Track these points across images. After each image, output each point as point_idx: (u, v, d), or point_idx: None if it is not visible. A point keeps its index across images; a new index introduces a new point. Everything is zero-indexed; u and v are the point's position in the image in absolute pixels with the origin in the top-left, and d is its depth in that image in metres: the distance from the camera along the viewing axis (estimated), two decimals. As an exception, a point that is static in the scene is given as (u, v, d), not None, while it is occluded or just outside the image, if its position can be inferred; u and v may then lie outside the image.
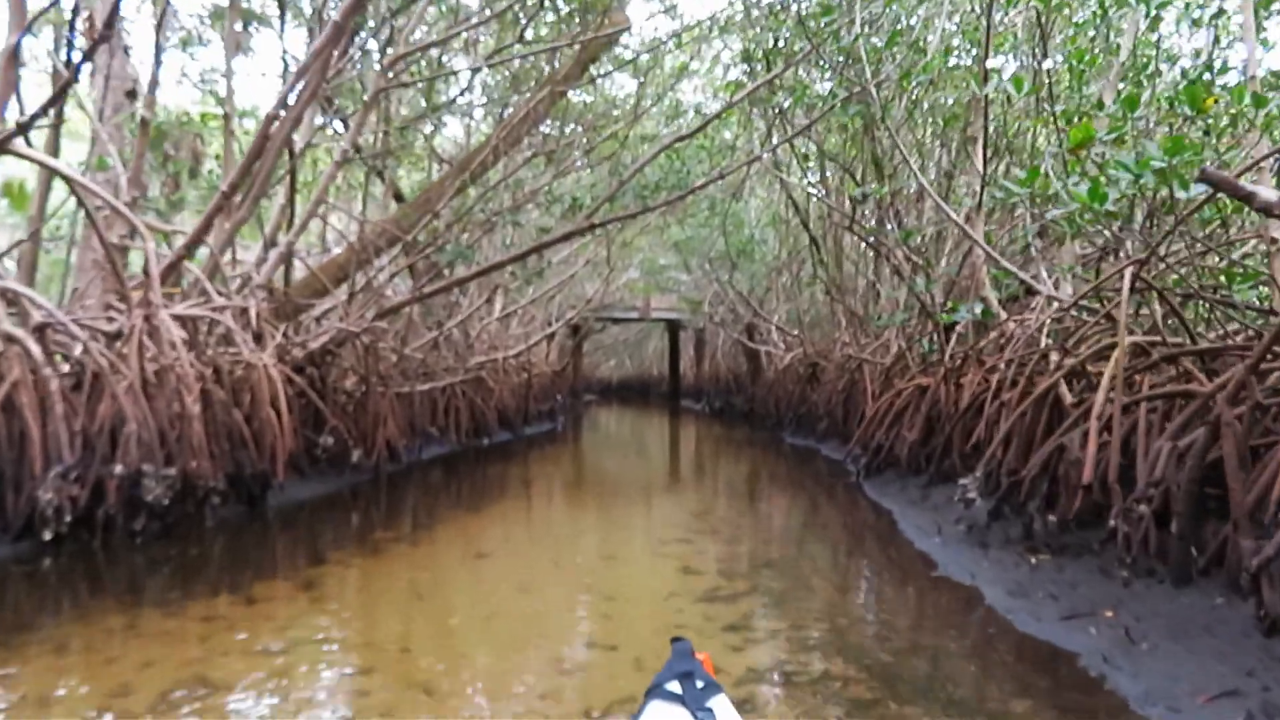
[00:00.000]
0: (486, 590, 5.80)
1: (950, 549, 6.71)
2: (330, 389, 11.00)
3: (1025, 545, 6.17)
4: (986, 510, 6.91)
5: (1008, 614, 5.09)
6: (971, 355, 9.58)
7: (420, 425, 13.82)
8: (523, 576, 6.10)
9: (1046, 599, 5.17)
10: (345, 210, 14.25)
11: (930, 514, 8.05)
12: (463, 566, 6.43)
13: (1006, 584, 5.57)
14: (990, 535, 6.66)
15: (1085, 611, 4.82)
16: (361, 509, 9.22)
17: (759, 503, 9.85)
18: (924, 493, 8.95)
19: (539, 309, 22.57)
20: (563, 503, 9.91)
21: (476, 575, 6.20)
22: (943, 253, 12.14)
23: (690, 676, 2.60)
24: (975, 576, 5.88)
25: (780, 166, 15.57)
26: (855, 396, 14.83)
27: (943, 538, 7.07)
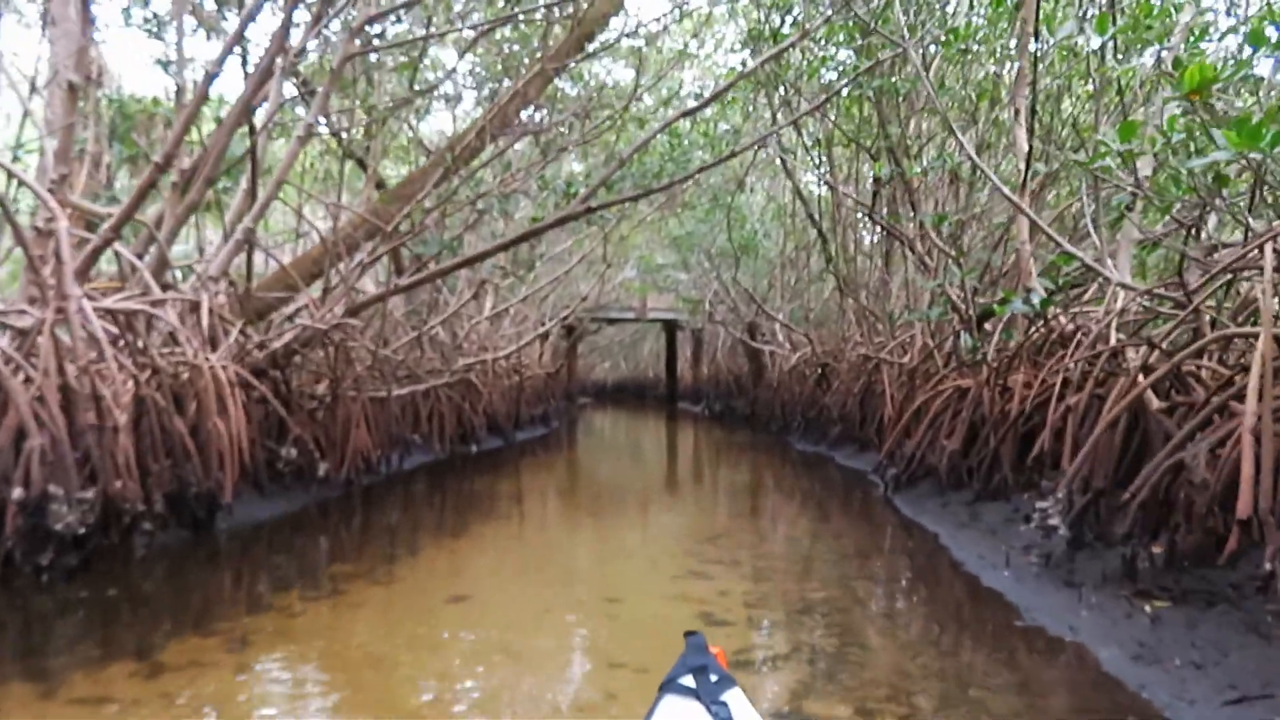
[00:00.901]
0: (460, 653, 4.51)
1: (1028, 587, 5.45)
2: (296, 394, 9.71)
3: (1131, 588, 4.90)
4: (1064, 538, 5.65)
5: (1142, 690, 3.82)
6: (1021, 353, 8.32)
7: (401, 432, 12.53)
8: (507, 631, 4.82)
9: (1188, 668, 3.91)
10: (321, 199, 12.96)
11: (987, 539, 6.79)
12: (435, 616, 5.14)
13: (1123, 642, 4.30)
14: (1077, 571, 5.40)
15: (1256, 693, 3.56)
16: (325, 532, 7.94)
17: (778, 522, 8.58)
18: (972, 511, 7.69)
19: (531, 308, 21.30)
20: (556, 522, 8.63)
21: (451, 629, 4.91)
22: (974, 240, 10.89)
23: (704, 670, 2.51)
24: (1076, 630, 4.62)
25: (786, 153, 14.31)
26: (872, 400, 13.58)
27: (1013, 571, 5.81)
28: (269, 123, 9.52)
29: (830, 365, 16.00)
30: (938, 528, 7.60)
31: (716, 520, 8.44)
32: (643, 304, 28.65)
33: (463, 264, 9.61)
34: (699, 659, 2.58)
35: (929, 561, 6.57)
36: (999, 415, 8.15)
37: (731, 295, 21.55)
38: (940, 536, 7.28)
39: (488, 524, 8.22)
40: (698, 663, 2.56)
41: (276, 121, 11.25)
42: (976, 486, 8.01)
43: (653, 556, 6.78)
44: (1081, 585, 5.16)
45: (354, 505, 9.31)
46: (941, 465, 8.64)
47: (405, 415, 12.76)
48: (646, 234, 24.43)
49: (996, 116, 11.39)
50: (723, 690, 2.45)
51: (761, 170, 20.47)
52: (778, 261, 20.14)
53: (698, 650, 2.63)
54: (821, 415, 15.45)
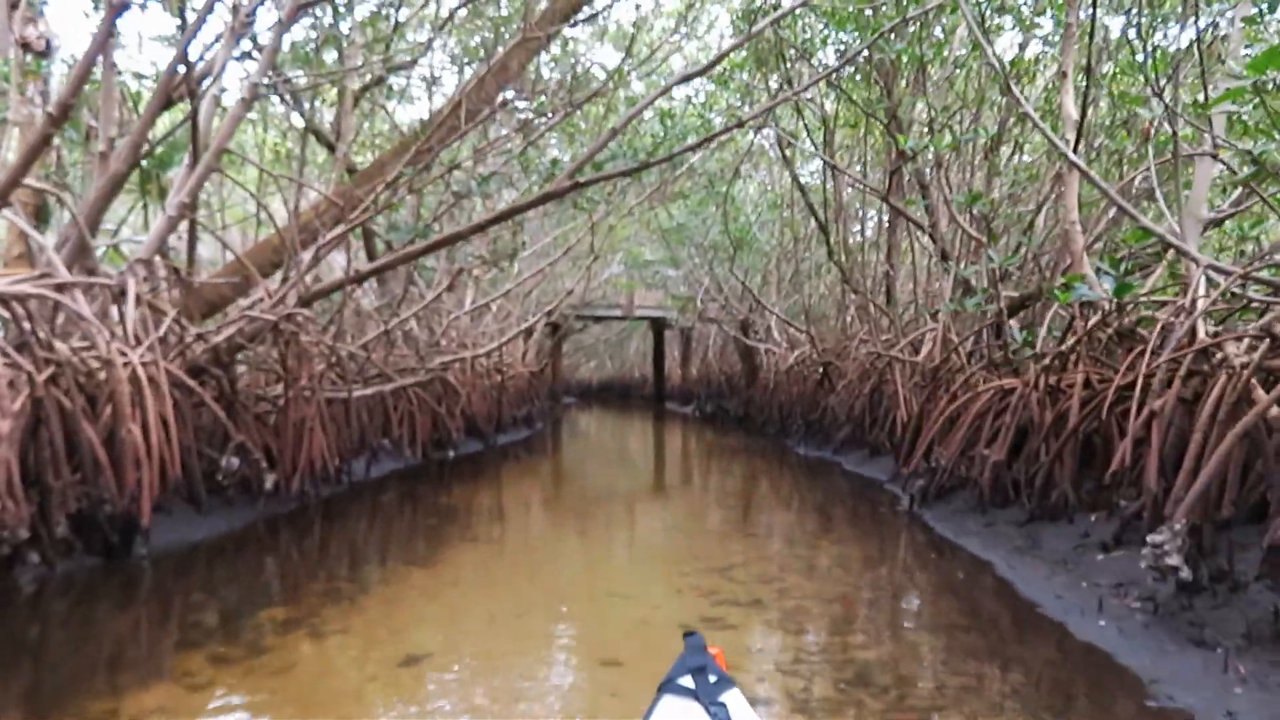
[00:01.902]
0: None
1: (1141, 645, 4.21)
2: (243, 396, 8.39)
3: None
4: (1179, 580, 4.42)
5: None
6: (1079, 349, 7.09)
7: (369, 437, 11.23)
8: (472, 717, 3.55)
9: None
10: (285, 178, 11.65)
11: (1058, 572, 5.55)
12: (377, 688, 3.86)
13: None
14: (1205, 624, 4.16)
15: None
16: (266, 558, 6.63)
17: (796, 545, 7.31)
18: (1027, 535, 6.46)
19: (514, 304, 20.00)
20: (540, 546, 7.35)
21: (398, 710, 3.63)
22: (1007, 223, 9.66)
23: (703, 671, 2.46)
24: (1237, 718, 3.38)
25: (787, 135, 13.07)
26: (883, 401, 12.36)
27: (1113, 620, 4.57)
28: (212, 86, 8.21)
29: (833, 364, 14.77)
30: (988, 554, 6.36)
31: (725, 544, 7.17)
32: (630, 301, 27.38)
33: (433, 247, 8.31)
34: (698, 659, 2.52)
35: (996, 602, 5.32)
36: (1053, 421, 6.92)
37: (724, 291, 20.30)
38: (995, 566, 6.04)
39: (460, 547, 6.93)
40: (697, 663, 2.49)
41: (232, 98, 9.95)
42: (1029, 504, 6.78)
43: (656, 597, 5.50)
44: (1219, 646, 3.92)
45: (308, 522, 8.01)
46: (982, 478, 7.41)
47: (373, 418, 11.44)
48: (634, 228, 23.19)
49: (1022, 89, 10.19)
50: (721, 691, 2.40)
51: (757, 159, 19.26)
52: (773, 255, 18.90)
53: (697, 651, 2.56)
54: (824, 417, 14.22)
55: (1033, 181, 9.24)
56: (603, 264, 24.84)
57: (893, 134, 9.89)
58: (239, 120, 7.78)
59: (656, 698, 2.46)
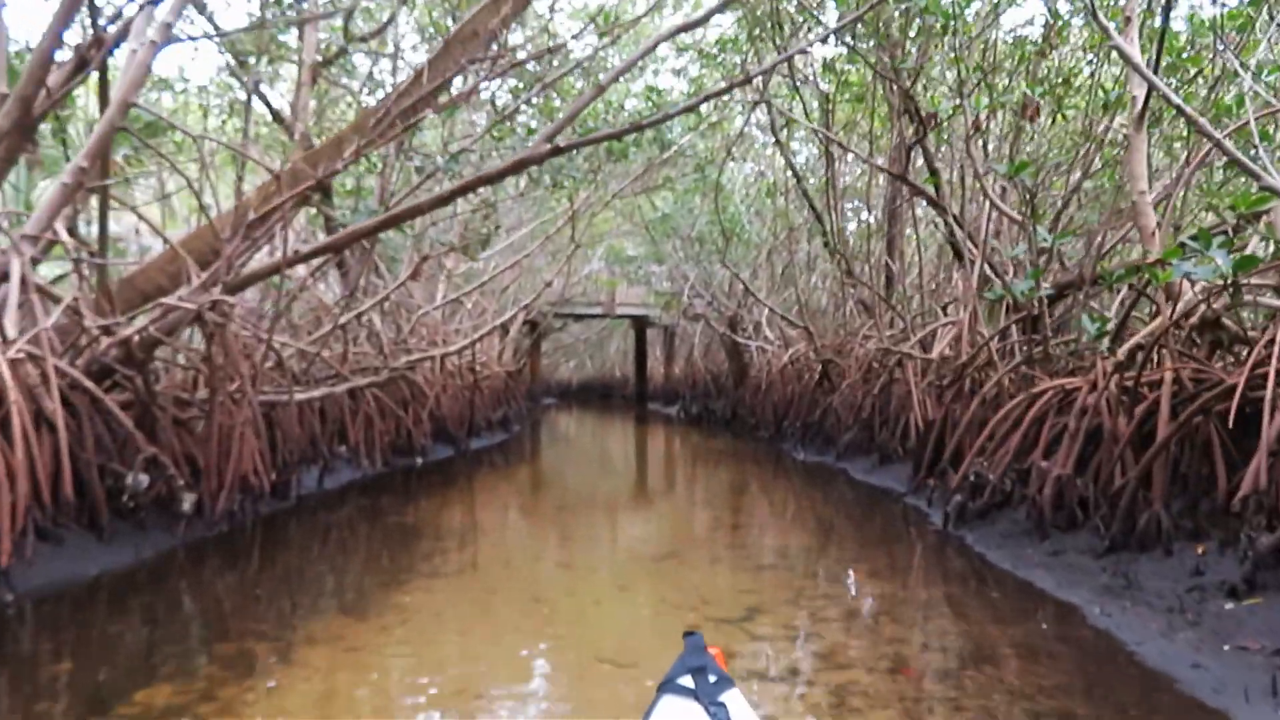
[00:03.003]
0: None
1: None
2: (160, 399, 6.96)
3: None
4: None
5: None
6: (1166, 341, 5.77)
7: (322, 444, 9.80)
8: None
9: None
10: (232, 147, 10.23)
11: (1179, 625, 4.23)
12: None
13: None
14: None
15: None
16: (167, 603, 5.20)
17: (821, 581, 5.95)
18: (1114, 569, 5.14)
19: (490, 301, 18.58)
20: (512, 583, 5.93)
21: None
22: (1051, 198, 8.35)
23: (703, 671, 2.40)
24: None
25: (783, 110, 11.72)
26: (891, 402, 11.07)
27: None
28: (118, 34, 6.76)
29: (833, 362, 13.46)
30: (1068, 594, 5.04)
31: (736, 580, 5.79)
32: (611, 299, 25.99)
33: (385, 224, 6.90)
34: (698, 659, 2.45)
35: (1111, 671, 3.97)
36: (1135, 428, 5.61)
37: (712, 287, 18.96)
38: (1084, 612, 4.72)
39: (415, 585, 5.54)
40: (696, 663, 2.43)
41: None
42: (1107, 529, 5.46)
43: (663, 665, 4.13)
44: None
45: (236, 550, 6.60)
46: (1040, 495, 6.08)
47: (327, 423, 10.02)
48: (617, 221, 21.82)
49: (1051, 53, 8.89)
50: (721, 691, 2.34)
51: (747, 148, 17.95)
52: (764, 247, 17.57)
53: (696, 650, 2.50)
54: (825, 420, 12.90)
55: (1082, 149, 7.94)
56: (583, 259, 23.47)
57: (912, 102, 8.55)
58: (146, 68, 6.34)
59: (656, 698, 2.39)
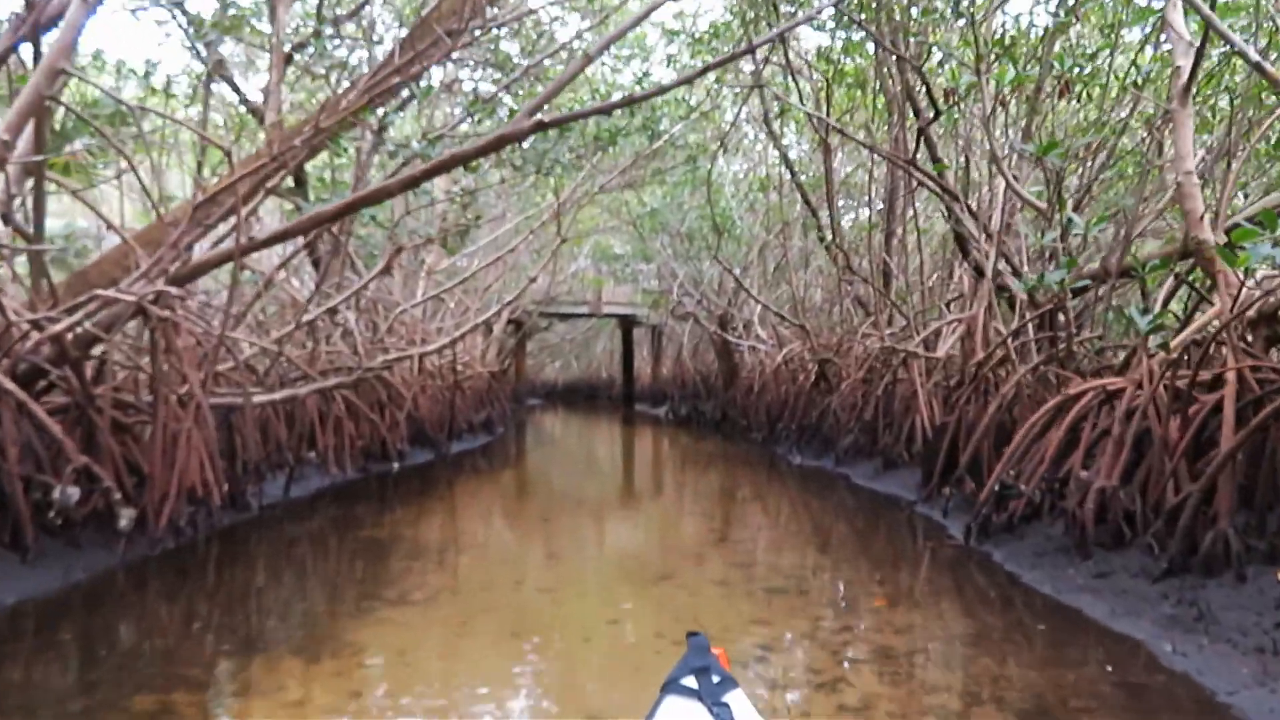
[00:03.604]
0: None
1: None
2: (98, 402, 6.18)
3: None
4: None
5: None
6: (1229, 335, 5.08)
7: (287, 450, 9.05)
8: None
9: None
10: (189, 126, 9.46)
11: (1276, 669, 3.55)
12: None
13: None
14: None
15: None
16: (79, 645, 4.43)
17: (845, 612, 5.24)
18: (1179, 596, 4.44)
19: (474, 299, 17.83)
20: (490, 614, 5.20)
21: None
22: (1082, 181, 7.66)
23: (706, 671, 2.36)
24: None
25: (778, 96, 11.02)
26: (894, 404, 10.39)
27: None
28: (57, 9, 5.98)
29: (831, 361, 12.77)
30: (1126, 626, 4.35)
31: (746, 610, 5.08)
32: (597, 297, 25.25)
33: (352, 206, 6.15)
34: (701, 660, 2.41)
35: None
36: (1193, 435, 4.93)
37: (702, 285, 18.25)
38: (1154, 651, 4.03)
39: (380, 614, 4.79)
40: (700, 663, 2.40)
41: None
42: (1163, 550, 4.77)
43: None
44: None
45: (185, 569, 5.85)
46: (1082, 508, 5.39)
47: (295, 426, 9.26)
48: (603, 218, 21.09)
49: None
50: (725, 691, 2.31)
51: (737, 145, 17.26)
52: (756, 244, 16.86)
53: (700, 651, 2.46)
54: (822, 422, 12.20)
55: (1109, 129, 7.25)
56: (569, 257, 22.73)
57: (923, 81, 7.84)
58: (76, 29, 5.55)
59: (659, 698, 2.33)
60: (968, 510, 7.29)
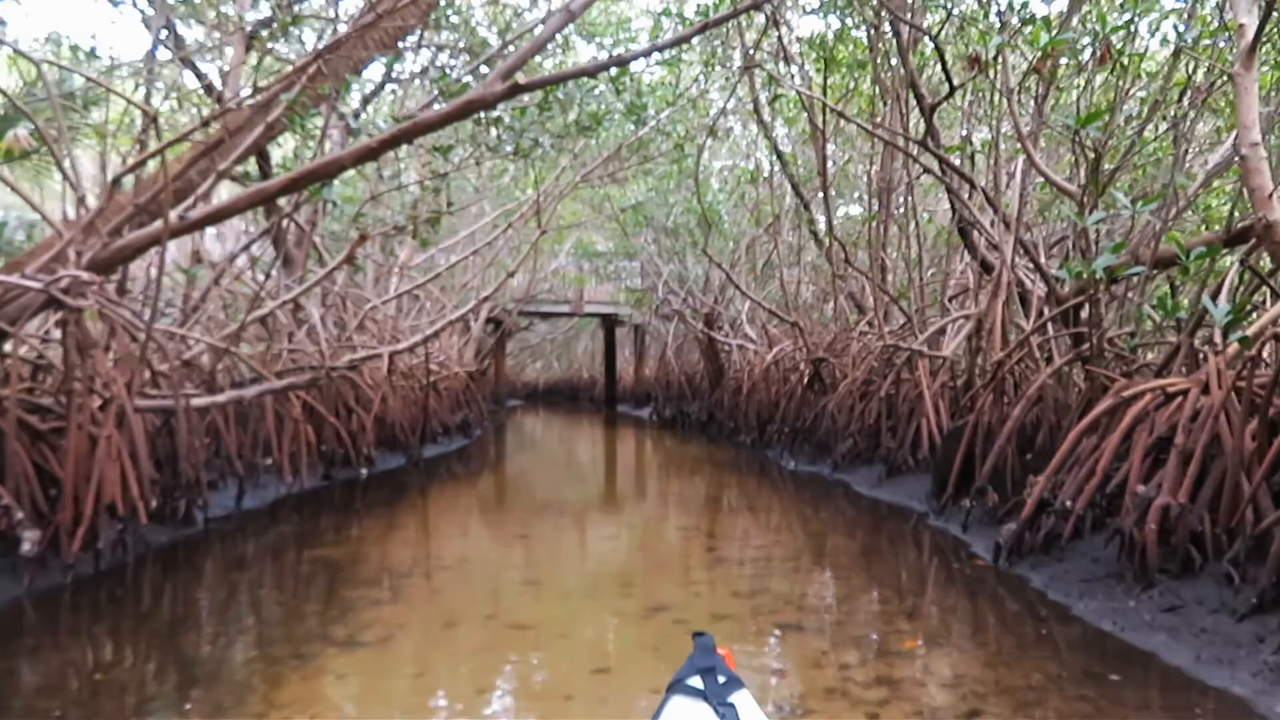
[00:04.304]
0: None
1: None
2: (3, 404, 5.29)
3: None
4: None
5: None
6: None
7: (242, 456, 8.19)
8: None
9: None
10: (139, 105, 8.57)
11: None
12: None
13: None
14: None
15: None
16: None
17: (873, 657, 4.43)
18: (1273, 636, 3.67)
19: (452, 297, 16.96)
20: (458, 665, 4.33)
21: None
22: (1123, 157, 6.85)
23: (712, 671, 2.34)
24: None
25: (774, 74, 10.22)
26: (895, 407, 9.61)
27: None
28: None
29: (825, 361, 11.99)
30: (1225, 680, 3.57)
31: (752, 645, 4.28)
32: (579, 296, 24.37)
33: (298, 180, 5.29)
34: (707, 660, 2.39)
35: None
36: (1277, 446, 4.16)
37: (688, 282, 17.43)
38: (1268, 715, 3.24)
39: (319, 664, 3.93)
40: (706, 664, 2.37)
41: None
42: (1256, 580, 3.99)
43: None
44: None
45: (101, 600, 4.97)
46: (1141, 531, 4.60)
47: (248, 431, 8.37)
48: (585, 213, 20.24)
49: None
50: (730, 692, 2.28)
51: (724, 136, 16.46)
52: (744, 239, 16.06)
53: (706, 651, 2.43)
54: (817, 425, 11.41)
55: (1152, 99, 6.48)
56: (550, 254, 21.87)
57: (938, 52, 7.06)
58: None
59: (665, 698, 2.32)
60: (991, 524, 6.53)
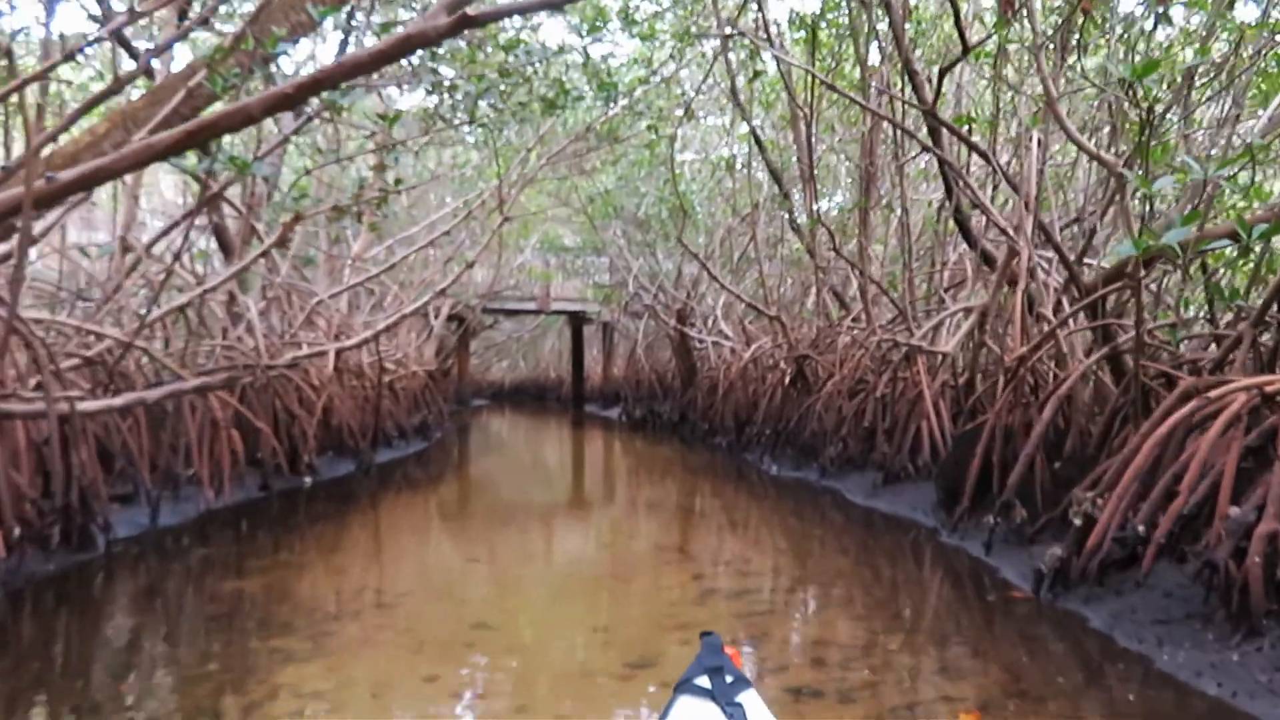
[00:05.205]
0: None
1: None
2: None
3: None
4: None
5: None
6: None
7: (162, 465, 7.07)
8: None
9: None
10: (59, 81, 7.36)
11: None
12: None
13: None
14: None
15: None
16: None
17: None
18: None
19: (412, 293, 15.78)
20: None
21: None
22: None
23: (719, 671, 2.30)
24: None
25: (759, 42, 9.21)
26: (899, 407, 8.67)
27: None
28: None
29: (809, 358, 11.02)
30: None
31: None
32: (545, 293, 23.25)
33: (195, 135, 4.20)
34: (714, 659, 2.34)
35: None
36: None
37: (659, 277, 16.42)
38: None
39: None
40: (713, 663, 2.32)
41: None
42: None
43: None
44: None
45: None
46: (1240, 569, 3.65)
47: (163, 439, 7.23)
48: (552, 205, 19.14)
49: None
50: (738, 691, 2.24)
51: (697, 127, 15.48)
52: (717, 233, 15.08)
53: (713, 651, 2.39)
54: (802, 427, 10.44)
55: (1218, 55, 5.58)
56: (515, 249, 20.74)
57: (953, 7, 6.10)
58: None
59: (672, 698, 2.29)
60: (1019, 544, 5.59)
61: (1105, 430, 5.89)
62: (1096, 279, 6.41)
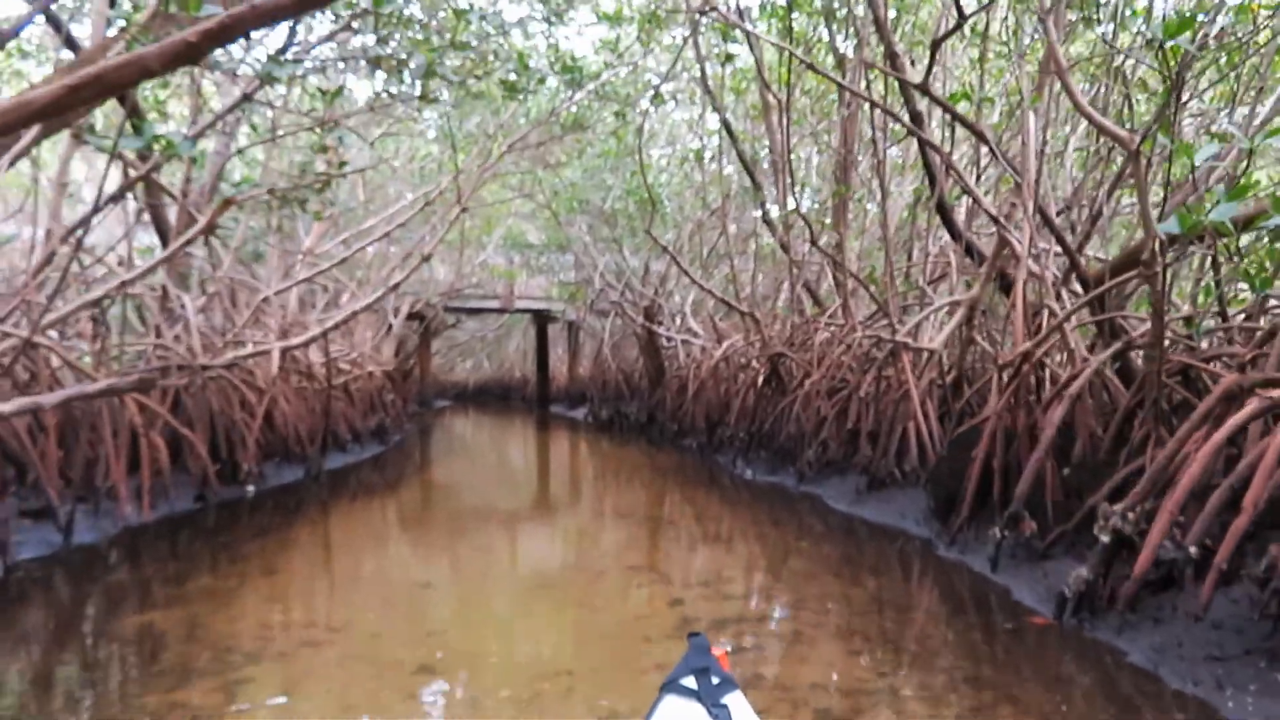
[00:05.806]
0: None
1: None
2: None
3: None
4: None
5: None
6: None
7: (78, 477, 6.29)
8: None
9: None
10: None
11: None
12: None
13: None
14: None
15: None
16: None
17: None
18: None
19: (367, 291, 14.96)
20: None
21: None
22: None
23: (706, 672, 2.27)
24: None
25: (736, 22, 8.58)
26: (884, 407, 8.09)
27: None
28: None
29: (784, 356, 10.41)
30: None
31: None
32: (509, 291, 22.49)
33: (77, 88, 3.48)
34: (701, 660, 2.30)
35: None
36: None
37: (626, 274, 15.75)
38: None
39: None
40: (700, 664, 2.28)
41: None
42: None
43: None
44: None
45: None
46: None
47: (76, 447, 6.44)
48: (516, 201, 18.39)
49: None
50: (724, 693, 2.21)
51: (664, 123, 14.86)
52: (688, 225, 14.45)
53: (700, 652, 2.35)
54: (778, 429, 9.83)
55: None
56: (477, 246, 19.98)
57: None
58: None
59: (659, 698, 2.24)
60: (1029, 560, 5.01)
61: (1118, 434, 5.33)
62: (1103, 269, 5.86)
